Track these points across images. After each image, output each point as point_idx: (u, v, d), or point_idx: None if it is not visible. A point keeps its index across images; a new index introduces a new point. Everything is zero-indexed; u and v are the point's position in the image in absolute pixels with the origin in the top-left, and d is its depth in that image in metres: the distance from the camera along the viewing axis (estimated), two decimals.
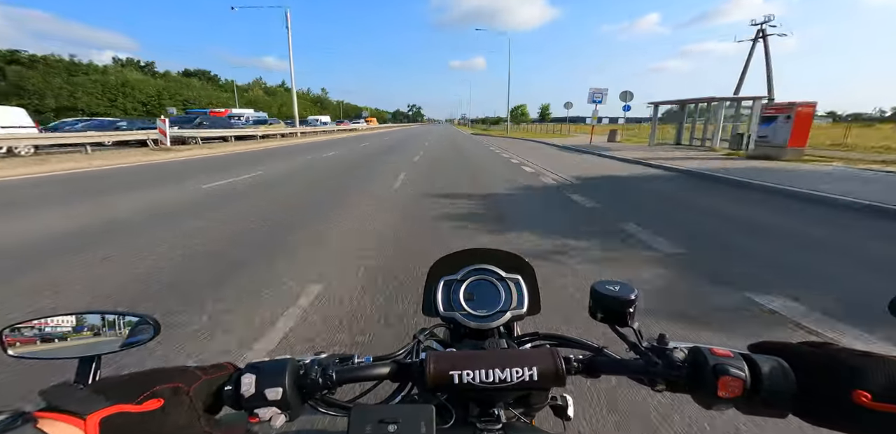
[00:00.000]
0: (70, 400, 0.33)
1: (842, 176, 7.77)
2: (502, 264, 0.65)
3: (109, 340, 0.47)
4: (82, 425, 0.31)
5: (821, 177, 7.58)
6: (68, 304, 2.56)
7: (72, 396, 0.33)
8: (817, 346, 0.40)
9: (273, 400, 0.39)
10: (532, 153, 15.34)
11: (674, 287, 2.83)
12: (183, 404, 0.37)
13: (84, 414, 0.32)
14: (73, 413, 0.32)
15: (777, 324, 2.32)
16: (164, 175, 8.97)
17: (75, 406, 0.32)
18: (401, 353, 0.51)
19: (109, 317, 0.48)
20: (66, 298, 2.64)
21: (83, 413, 0.32)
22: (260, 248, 3.71)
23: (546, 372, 0.41)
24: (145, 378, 0.38)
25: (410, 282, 2.88)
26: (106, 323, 0.48)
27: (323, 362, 0.44)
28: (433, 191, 6.87)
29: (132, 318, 0.49)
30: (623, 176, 8.97)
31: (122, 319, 0.49)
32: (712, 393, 0.38)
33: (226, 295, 2.69)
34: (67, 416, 0.31)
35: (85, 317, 0.48)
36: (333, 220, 4.81)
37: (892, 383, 0.33)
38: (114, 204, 5.77)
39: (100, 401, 0.34)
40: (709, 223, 4.72)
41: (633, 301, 0.49)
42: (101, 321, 0.48)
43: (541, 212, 5.34)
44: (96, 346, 0.46)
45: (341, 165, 10.94)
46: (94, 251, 3.58)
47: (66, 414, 0.31)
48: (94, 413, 0.32)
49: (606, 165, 11.12)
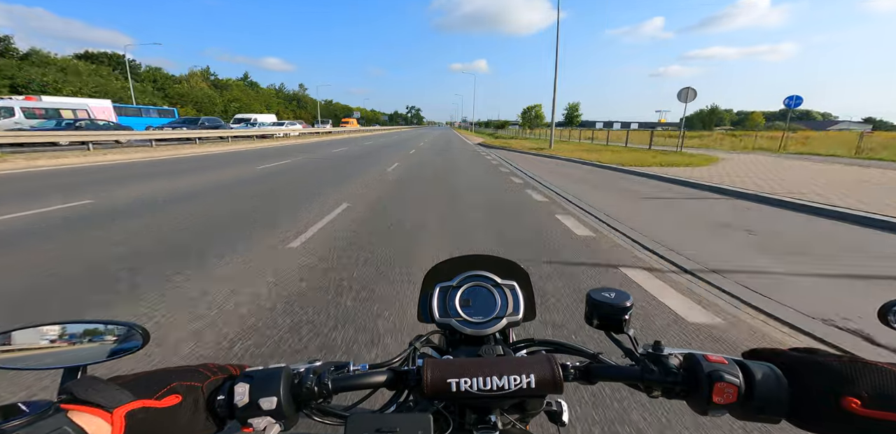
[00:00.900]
0: (97, 394, 0.34)
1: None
2: (498, 270, 0.65)
3: (96, 350, 0.46)
4: (109, 418, 0.33)
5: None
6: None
7: (98, 390, 0.34)
8: (810, 353, 0.41)
9: (268, 409, 0.39)
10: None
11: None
12: (199, 401, 0.39)
13: (111, 407, 0.33)
14: (101, 406, 0.33)
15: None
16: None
17: (103, 400, 0.33)
18: (397, 360, 0.50)
19: (96, 326, 0.47)
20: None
21: (110, 407, 0.33)
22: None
23: (544, 379, 0.41)
24: (162, 375, 0.39)
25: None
26: (92, 332, 0.47)
27: (318, 370, 0.44)
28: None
29: (120, 327, 0.47)
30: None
31: (109, 328, 0.47)
32: (707, 399, 0.39)
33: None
34: (95, 409, 0.33)
35: (70, 326, 0.46)
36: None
37: (880, 390, 0.34)
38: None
39: (126, 395, 0.35)
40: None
41: (629, 308, 0.50)
42: (88, 330, 0.47)
43: None
44: (82, 356, 0.44)
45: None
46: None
47: (94, 407, 0.33)
48: (120, 407, 0.34)
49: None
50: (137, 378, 0.38)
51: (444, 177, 9.73)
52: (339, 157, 14.62)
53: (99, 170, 9.87)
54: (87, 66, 42.82)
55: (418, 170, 11.08)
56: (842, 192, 6.85)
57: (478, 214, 5.43)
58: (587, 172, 10.81)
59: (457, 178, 9.57)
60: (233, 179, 8.51)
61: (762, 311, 2.58)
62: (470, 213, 5.48)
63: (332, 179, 8.61)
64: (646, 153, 15.85)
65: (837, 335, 2.27)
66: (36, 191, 6.72)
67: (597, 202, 6.36)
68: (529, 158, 15.35)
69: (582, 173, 10.61)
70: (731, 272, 3.24)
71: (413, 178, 9.23)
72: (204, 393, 0.39)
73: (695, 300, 2.73)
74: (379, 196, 6.76)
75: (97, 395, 0.33)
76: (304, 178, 8.77)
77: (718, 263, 3.43)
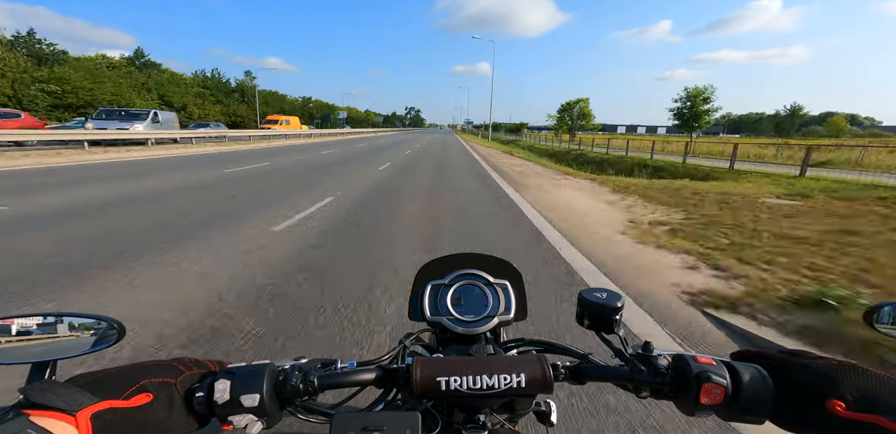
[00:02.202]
0: (56, 397, 0.32)
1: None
2: (490, 269, 0.64)
3: (67, 344, 0.44)
4: (73, 421, 0.31)
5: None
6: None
7: (57, 394, 0.33)
8: (796, 355, 0.41)
9: (249, 407, 0.38)
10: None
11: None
12: (173, 398, 0.37)
13: (73, 411, 0.32)
14: (63, 410, 0.31)
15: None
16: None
17: (63, 403, 0.32)
18: (386, 358, 0.50)
19: (69, 319, 0.45)
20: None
21: (72, 410, 0.32)
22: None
23: (534, 379, 0.41)
24: (131, 372, 0.37)
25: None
26: (64, 325, 0.45)
27: (304, 367, 0.43)
28: None
29: (94, 321, 0.45)
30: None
31: (83, 322, 0.45)
32: (695, 400, 0.39)
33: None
34: (56, 413, 0.31)
35: (41, 318, 0.44)
36: None
37: (864, 393, 0.34)
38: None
39: (87, 397, 0.33)
40: None
41: (620, 308, 0.50)
42: (59, 323, 0.45)
43: None
44: (52, 351, 0.42)
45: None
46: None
47: (55, 411, 0.31)
48: (83, 409, 0.32)
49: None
50: (104, 376, 0.37)
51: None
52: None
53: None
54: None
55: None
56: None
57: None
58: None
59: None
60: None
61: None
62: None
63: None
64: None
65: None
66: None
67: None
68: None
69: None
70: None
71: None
72: (179, 390, 0.38)
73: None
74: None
75: (57, 399, 0.32)
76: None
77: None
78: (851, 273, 3.01)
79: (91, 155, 12.33)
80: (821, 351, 1.83)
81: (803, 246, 3.75)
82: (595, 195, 7.25)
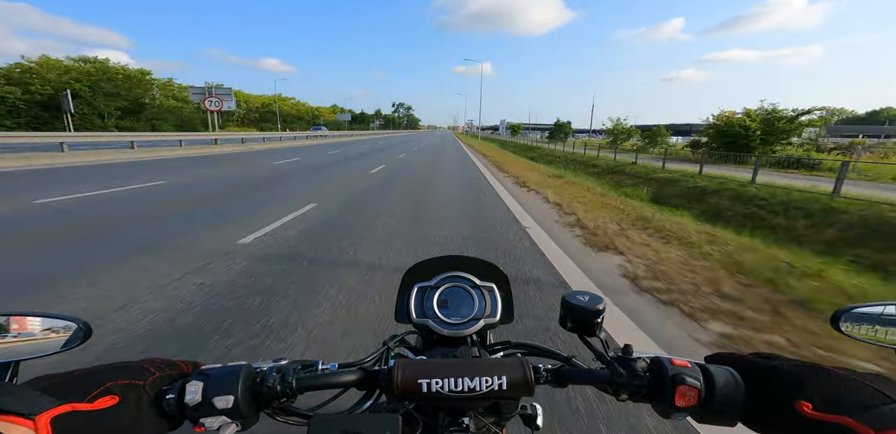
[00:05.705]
0: (13, 401, 0.31)
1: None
2: (477, 272, 0.64)
3: (31, 344, 0.42)
4: (32, 425, 0.30)
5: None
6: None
7: (15, 397, 0.31)
8: (766, 357, 0.42)
9: (222, 409, 0.37)
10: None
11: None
12: (141, 400, 0.36)
13: (31, 414, 0.30)
14: (21, 414, 0.30)
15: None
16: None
17: (22, 407, 0.30)
18: (369, 360, 0.49)
19: (33, 318, 0.43)
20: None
21: (31, 414, 0.30)
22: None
23: (516, 381, 0.41)
24: (96, 374, 0.36)
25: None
26: (29, 325, 0.43)
27: (283, 369, 0.42)
28: None
29: (59, 321, 0.44)
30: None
31: (48, 321, 0.43)
32: (671, 402, 0.40)
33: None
34: (14, 417, 0.30)
35: (3, 318, 0.42)
36: None
37: (830, 394, 0.35)
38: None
39: (47, 400, 0.32)
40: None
41: (601, 311, 0.50)
42: (23, 323, 0.42)
43: None
44: (14, 351, 0.40)
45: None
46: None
47: (13, 415, 0.30)
48: (43, 413, 0.31)
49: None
50: (67, 379, 0.35)
51: None
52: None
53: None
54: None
55: None
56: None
57: None
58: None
59: None
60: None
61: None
62: None
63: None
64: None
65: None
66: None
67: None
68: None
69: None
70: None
71: None
72: (148, 392, 0.36)
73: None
74: None
75: (14, 403, 0.30)
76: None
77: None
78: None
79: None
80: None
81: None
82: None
